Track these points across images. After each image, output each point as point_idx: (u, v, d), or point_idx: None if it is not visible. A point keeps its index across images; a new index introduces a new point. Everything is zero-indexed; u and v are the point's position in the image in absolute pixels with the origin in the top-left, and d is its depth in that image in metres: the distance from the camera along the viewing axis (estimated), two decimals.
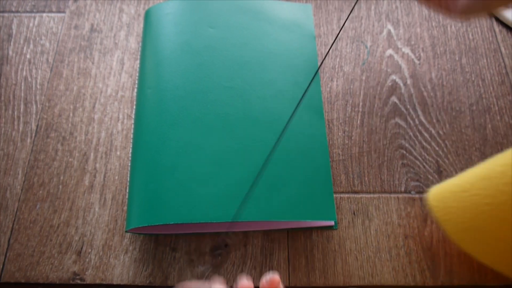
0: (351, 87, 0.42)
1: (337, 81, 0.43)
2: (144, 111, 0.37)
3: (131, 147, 0.38)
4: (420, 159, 0.38)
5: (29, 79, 0.42)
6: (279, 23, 0.43)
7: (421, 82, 0.42)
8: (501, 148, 0.39)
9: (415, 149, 0.39)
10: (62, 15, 0.46)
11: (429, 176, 0.38)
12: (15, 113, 0.41)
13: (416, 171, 0.38)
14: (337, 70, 0.43)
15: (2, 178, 0.38)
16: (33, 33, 0.45)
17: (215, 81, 0.38)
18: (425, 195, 0.35)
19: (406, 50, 0.44)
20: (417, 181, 0.38)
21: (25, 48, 0.44)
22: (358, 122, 0.40)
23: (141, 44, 0.42)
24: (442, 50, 0.44)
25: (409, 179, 0.38)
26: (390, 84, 0.42)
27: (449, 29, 0.46)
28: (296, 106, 0.37)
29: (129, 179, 0.37)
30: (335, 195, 0.37)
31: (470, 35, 0.45)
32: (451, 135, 0.40)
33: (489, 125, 0.40)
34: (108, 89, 0.42)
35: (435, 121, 0.40)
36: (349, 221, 0.36)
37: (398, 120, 0.40)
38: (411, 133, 0.40)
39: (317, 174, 0.35)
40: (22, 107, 0.41)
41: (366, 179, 0.38)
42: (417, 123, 0.40)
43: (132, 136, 0.39)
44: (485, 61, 0.44)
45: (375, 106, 0.41)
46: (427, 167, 0.38)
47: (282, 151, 0.35)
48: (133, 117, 0.40)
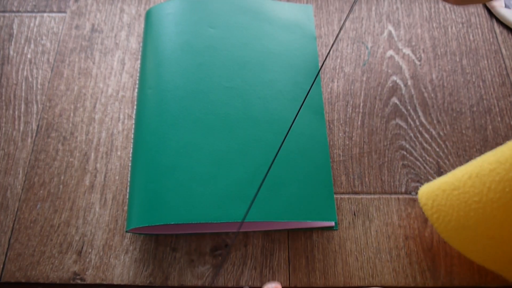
0: (352, 88, 0.42)
1: (337, 82, 0.43)
2: (144, 111, 0.37)
3: (132, 147, 0.38)
4: (420, 160, 0.38)
5: (30, 79, 0.42)
6: (280, 23, 0.43)
7: (422, 83, 0.42)
8: None
9: (415, 150, 0.39)
10: (63, 15, 0.46)
11: (430, 177, 0.38)
12: (16, 113, 0.41)
13: (416, 172, 0.38)
14: (337, 71, 0.43)
15: (2, 177, 0.38)
16: (34, 33, 0.45)
17: (216, 81, 0.38)
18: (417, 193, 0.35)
19: (406, 51, 0.44)
20: (418, 182, 0.38)
21: (26, 48, 0.44)
22: (358, 123, 0.40)
23: (142, 44, 0.42)
24: (442, 51, 0.44)
25: (409, 180, 0.38)
26: (390, 85, 0.42)
27: (449, 30, 0.46)
28: (299, 108, 0.37)
29: (129, 179, 0.37)
30: (335, 196, 0.37)
31: (470, 36, 0.45)
32: (452, 136, 0.40)
33: (490, 126, 0.40)
34: (109, 89, 0.42)
35: (435, 122, 0.40)
36: (349, 222, 0.36)
37: (398, 121, 0.40)
38: (411, 134, 0.40)
39: (318, 174, 0.35)
40: (22, 107, 0.41)
41: (366, 179, 0.38)
42: (418, 124, 0.40)
43: (132, 136, 0.39)
44: (486, 62, 0.44)
45: (376, 107, 0.41)
46: (427, 168, 0.38)
47: (282, 151, 0.35)
48: (134, 117, 0.40)
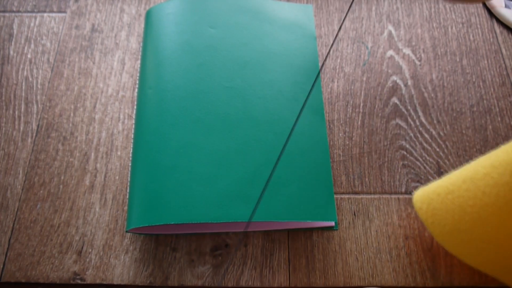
0: (352, 88, 0.42)
1: (337, 82, 0.43)
2: (144, 111, 0.37)
3: (132, 147, 0.38)
4: (420, 160, 0.38)
5: (30, 79, 0.42)
6: (280, 23, 0.43)
7: (422, 83, 0.42)
8: None
9: (415, 150, 0.39)
10: (63, 15, 0.46)
11: (430, 177, 0.38)
12: (16, 113, 0.41)
13: (416, 172, 0.38)
14: (337, 71, 0.43)
15: (2, 177, 0.38)
16: (34, 33, 0.45)
17: (216, 81, 0.38)
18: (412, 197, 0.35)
19: (407, 51, 0.44)
20: (418, 182, 0.38)
21: (26, 48, 0.44)
22: (358, 123, 0.40)
23: (142, 44, 0.42)
24: (443, 51, 0.44)
25: (409, 180, 0.38)
26: (390, 85, 0.42)
27: (450, 30, 0.46)
28: (300, 108, 0.37)
29: (129, 179, 0.37)
30: (335, 196, 0.37)
31: (471, 36, 0.45)
32: (452, 136, 0.40)
33: (490, 126, 0.40)
34: (109, 89, 0.42)
35: (435, 122, 0.40)
36: (349, 222, 0.36)
37: (398, 121, 0.40)
38: (411, 134, 0.40)
39: (318, 174, 0.35)
40: (23, 106, 0.41)
41: (366, 179, 0.38)
42: (418, 124, 0.40)
43: (132, 136, 0.39)
44: (486, 62, 0.44)
45: (376, 107, 0.41)
46: (427, 168, 0.38)
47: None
48: (134, 117, 0.40)
